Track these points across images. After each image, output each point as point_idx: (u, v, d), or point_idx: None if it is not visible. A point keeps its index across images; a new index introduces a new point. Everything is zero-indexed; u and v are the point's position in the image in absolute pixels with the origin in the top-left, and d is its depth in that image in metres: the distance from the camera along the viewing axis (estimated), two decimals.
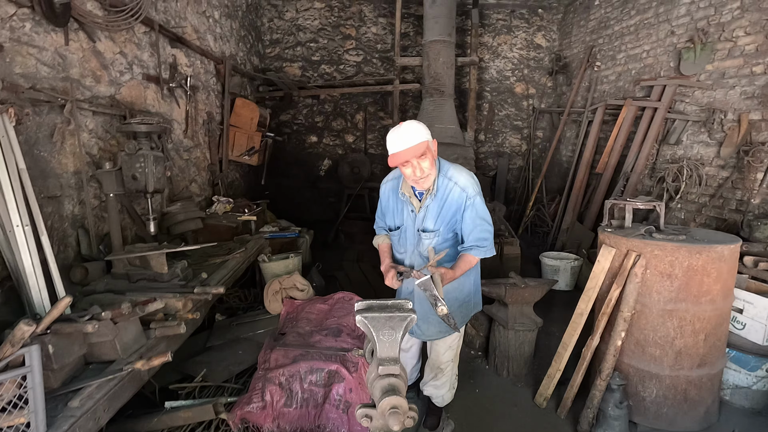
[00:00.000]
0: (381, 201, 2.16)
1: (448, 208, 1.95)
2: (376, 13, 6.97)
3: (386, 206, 2.12)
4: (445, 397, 2.41)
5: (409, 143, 1.76)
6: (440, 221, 1.97)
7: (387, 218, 2.12)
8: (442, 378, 2.34)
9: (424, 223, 1.97)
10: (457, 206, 1.94)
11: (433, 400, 2.44)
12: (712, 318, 2.33)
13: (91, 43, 2.74)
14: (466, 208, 1.94)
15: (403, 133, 1.78)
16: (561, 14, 7.12)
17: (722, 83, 3.83)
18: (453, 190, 1.93)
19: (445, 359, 2.27)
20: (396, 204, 2.07)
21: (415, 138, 1.76)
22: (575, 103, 6.37)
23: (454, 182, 1.94)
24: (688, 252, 2.26)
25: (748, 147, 3.49)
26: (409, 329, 1.17)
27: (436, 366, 2.32)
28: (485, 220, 1.98)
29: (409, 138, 1.76)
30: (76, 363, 1.66)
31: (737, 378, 2.63)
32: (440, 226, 1.97)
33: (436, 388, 2.39)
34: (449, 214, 1.95)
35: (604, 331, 2.55)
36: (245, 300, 3.63)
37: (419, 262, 2.03)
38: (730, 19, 3.74)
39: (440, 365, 2.30)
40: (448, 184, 1.94)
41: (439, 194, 1.94)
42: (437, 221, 1.97)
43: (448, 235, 2.01)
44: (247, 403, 2.07)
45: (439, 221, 1.97)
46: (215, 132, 4.74)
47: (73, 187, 2.56)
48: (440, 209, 1.95)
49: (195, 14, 4.29)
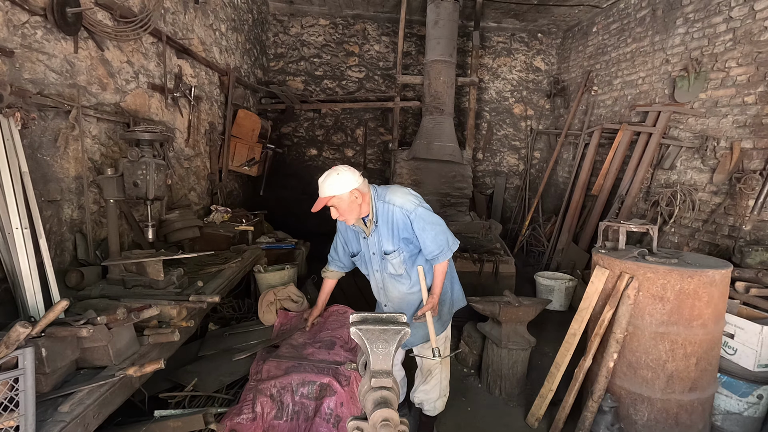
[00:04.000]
0: (339, 233, 2.42)
1: (397, 228, 2.16)
2: (380, 32, 7.12)
3: (346, 236, 2.39)
4: (437, 405, 2.45)
5: (321, 193, 2.07)
6: (396, 241, 2.19)
7: (349, 245, 2.39)
8: (432, 381, 2.42)
9: (383, 246, 2.20)
10: (403, 224, 2.15)
11: (424, 410, 2.47)
12: (704, 342, 2.34)
13: (100, 52, 2.80)
14: (412, 221, 2.15)
15: (321, 182, 2.07)
16: (560, 39, 7.30)
17: (715, 111, 3.93)
18: (394, 212, 2.15)
19: (432, 362, 2.37)
20: (353, 232, 2.33)
21: (326, 191, 2.05)
22: (572, 126, 6.49)
23: (393, 204, 2.15)
24: (680, 275, 2.29)
25: (740, 174, 3.56)
26: (402, 342, 1.19)
27: (426, 369, 2.42)
28: (435, 224, 2.17)
29: (322, 189, 2.07)
30: (68, 367, 1.65)
31: (728, 404, 2.63)
32: (398, 244, 2.19)
33: (426, 393, 2.44)
34: (400, 231, 2.17)
35: (596, 352, 2.56)
36: (239, 310, 3.61)
37: (388, 281, 2.29)
38: (722, 50, 3.86)
39: (429, 367, 2.41)
40: (389, 208, 2.15)
41: (381, 219, 2.16)
42: (393, 241, 2.19)
43: (410, 247, 2.22)
44: (237, 414, 2.05)
45: (395, 241, 2.19)
46: (216, 142, 4.79)
47: (73, 192, 2.58)
48: (391, 231, 2.17)
49: (202, 27, 4.38)
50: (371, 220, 2.17)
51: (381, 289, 2.36)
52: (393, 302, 2.35)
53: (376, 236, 2.20)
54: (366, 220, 2.21)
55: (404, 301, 2.32)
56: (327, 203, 2.07)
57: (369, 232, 2.21)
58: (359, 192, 2.09)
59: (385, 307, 2.40)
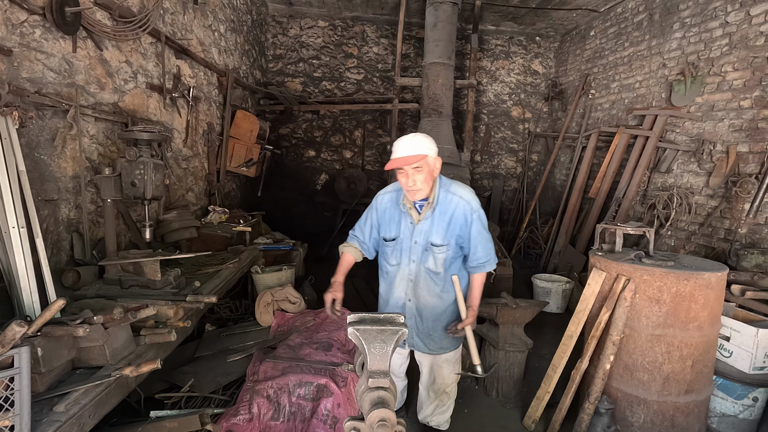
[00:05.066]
0: (374, 211, 2.15)
1: (456, 222, 1.99)
2: (379, 34, 7.14)
3: (382, 216, 2.13)
4: (449, 417, 2.41)
5: (408, 152, 1.83)
6: (449, 235, 2.00)
7: (382, 229, 2.13)
8: (448, 402, 2.35)
9: (431, 238, 2.00)
10: (464, 219, 1.99)
11: (439, 427, 2.41)
12: (700, 344, 2.35)
13: (98, 51, 2.80)
14: (472, 221, 2.00)
15: (408, 141, 1.85)
16: (558, 42, 7.34)
17: (711, 115, 3.95)
18: (458, 204, 1.98)
19: (450, 381, 2.27)
20: (393, 214, 2.09)
21: (416, 149, 1.83)
22: (570, 129, 6.51)
23: (459, 196, 1.99)
24: (676, 278, 2.30)
25: (736, 178, 3.58)
26: (400, 343, 1.19)
27: (441, 390, 2.29)
28: (488, 231, 2.08)
29: (410, 147, 1.83)
30: (64, 367, 1.64)
31: (724, 406, 2.64)
32: (450, 239, 2.00)
33: (443, 413, 2.37)
34: (457, 227, 2.00)
35: (593, 354, 2.57)
36: (236, 311, 3.61)
37: (423, 276, 2.07)
38: (719, 54, 3.89)
39: (446, 389, 2.29)
40: (453, 199, 1.98)
41: (440, 207, 1.98)
42: (446, 235, 2.00)
43: (457, 248, 2.05)
44: (233, 415, 2.05)
45: (448, 235, 2.00)
46: (214, 142, 4.78)
47: (70, 191, 2.57)
48: (448, 223, 1.99)
49: (201, 27, 4.38)
50: (430, 204, 1.98)
51: (410, 282, 2.11)
52: (419, 300, 2.12)
53: (427, 224, 2.00)
54: (417, 205, 2.03)
55: (432, 302, 2.13)
56: (414, 162, 1.82)
57: (419, 219, 2.01)
58: (438, 165, 1.93)
59: (408, 302, 2.14)
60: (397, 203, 2.08)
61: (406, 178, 1.88)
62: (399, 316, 1.26)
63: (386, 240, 2.11)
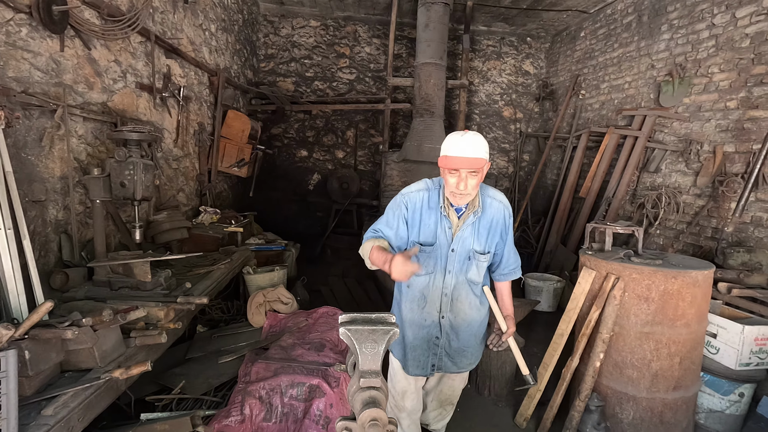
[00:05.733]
0: (402, 211, 1.83)
1: (496, 227, 1.86)
2: (371, 34, 7.14)
3: (413, 219, 1.83)
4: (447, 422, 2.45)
5: (472, 153, 1.63)
6: (490, 241, 1.86)
7: (412, 233, 1.84)
8: (451, 410, 2.36)
9: (474, 245, 1.83)
10: (503, 224, 1.88)
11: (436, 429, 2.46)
12: (687, 341, 2.39)
13: (87, 51, 2.77)
14: (508, 225, 1.89)
15: (471, 141, 1.64)
16: (548, 43, 7.39)
17: (699, 116, 4.01)
18: (498, 209, 1.86)
19: (460, 392, 2.25)
20: (427, 217, 1.83)
21: (480, 152, 1.65)
22: (560, 129, 6.56)
23: (498, 200, 1.87)
24: (664, 276, 2.33)
25: (722, 177, 3.64)
26: (391, 342, 1.19)
27: (449, 401, 2.28)
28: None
29: (474, 148, 1.64)
30: (52, 370, 1.62)
31: (711, 402, 2.68)
32: (491, 246, 1.87)
33: (444, 419, 2.40)
34: (497, 232, 1.87)
35: (583, 352, 2.59)
36: (228, 312, 3.59)
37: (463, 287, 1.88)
38: (705, 56, 3.95)
39: (453, 399, 2.27)
40: (492, 203, 1.86)
41: (485, 213, 1.84)
42: (487, 241, 1.86)
43: (492, 254, 1.92)
44: (225, 417, 2.04)
45: (489, 241, 1.86)
46: (206, 142, 4.75)
47: (58, 192, 2.54)
48: (488, 229, 1.84)
49: (191, 27, 4.35)
50: (474, 209, 1.80)
51: (445, 297, 1.88)
52: (457, 315, 1.91)
53: (469, 231, 1.82)
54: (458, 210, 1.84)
55: (471, 316, 1.94)
56: (475, 167, 1.63)
57: (458, 225, 1.82)
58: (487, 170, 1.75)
59: (442, 320, 1.90)
60: (430, 204, 1.83)
61: (458, 181, 1.67)
62: (390, 316, 1.26)
63: (424, 245, 1.84)
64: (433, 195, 1.84)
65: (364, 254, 1.78)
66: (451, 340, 1.94)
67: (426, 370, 1.96)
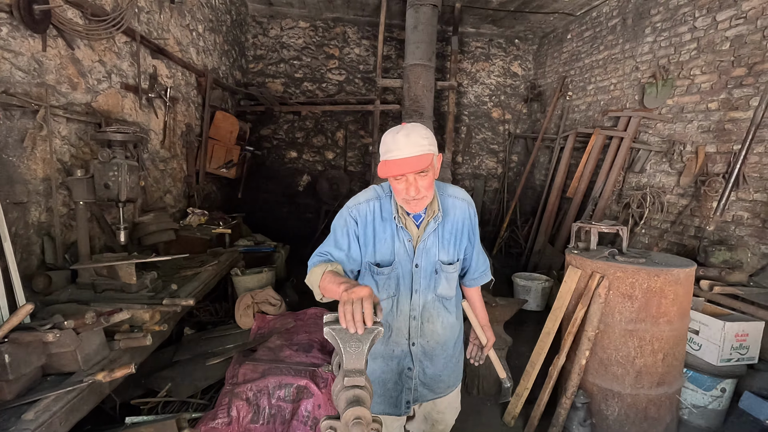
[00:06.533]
0: (351, 227, 1.51)
1: (462, 230, 1.59)
2: (360, 35, 7.15)
3: (365, 235, 1.51)
4: None
5: (413, 151, 1.34)
6: (458, 248, 1.58)
7: (366, 252, 1.52)
8: None
9: (440, 255, 1.54)
10: (470, 224, 1.61)
11: None
12: (670, 338, 2.43)
13: (70, 51, 2.73)
14: (473, 225, 1.63)
15: (407, 137, 1.34)
16: (536, 45, 7.47)
17: (681, 117, 4.09)
18: (459, 208, 1.58)
19: (452, 422, 1.81)
20: (381, 231, 1.51)
21: (423, 146, 1.35)
22: (548, 130, 6.64)
23: (460, 198, 1.61)
24: (648, 274, 2.37)
25: (704, 177, 3.71)
26: (375, 342, 1.19)
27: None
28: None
29: (415, 145, 1.34)
30: (33, 374, 1.60)
31: (694, 397, 2.73)
32: (459, 253, 1.59)
33: None
34: (464, 236, 1.60)
35: (569, 350, 2.62)
36: (216, 314, 3.56)
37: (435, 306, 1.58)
38: (688, 58, 4.03)
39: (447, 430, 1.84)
40: (454, 203, 1.58)
41: (448, 216, 1.55)
42: (453, 249, 1.57)
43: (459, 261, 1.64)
44: (212, 419, 2.02)
45: (456, 248, 1.58)
46: (193, 144, 4.71)
47: (41, 194, 2.50)
48: (454, 235, 1.57)
49: (178, 27, 4.32)
50: (434, 214, 1.51)
51: (413, 320, 1.56)
52: (430, 339, 1.60)
53: (432, 240, 1.53)
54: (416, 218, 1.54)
55: (445, 337, 1.64)
56: (420, 166, 1.34)
57: (418, 235, 1.51)
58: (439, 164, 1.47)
59: (413, 347, 1.58)
60: (383, 215, 1.52)
61: (406, 186, 1.38)
62: (376, 316, 1.27)
63: (378, 266, 1.52)
64: (385, 204, 1.53)
65: (313, 283, 1.41)
66: (425, 368, 1.62)
67: (400, 408, 1.62)
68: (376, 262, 1.52)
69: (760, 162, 3.31)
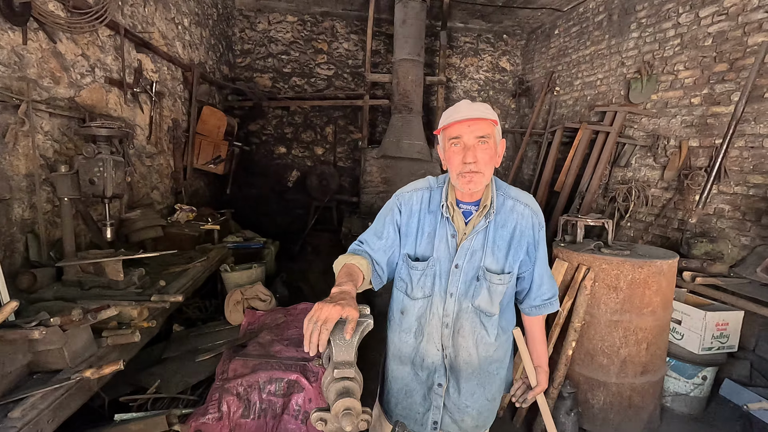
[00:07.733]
0: (395, 216, 1.42)
1: (521, 240, 1.38)
2: (348, 30, 7.11)
3: (407, 226, 1.41)
4: None
5: (473, 114, 1.25)
6: (512, 259, 1.37)
7: (406, 243, 1.41)
8: None
9: (486, 260, 1.35)
10: (532, 238, 1.39)
11: None
12: (653, 328, 2.49)
13: (52, 44, 2.67)
14: (539, 240, 1.41)
15: (469, 104, 1.28)
16: (524, 41, 7.51)
17: (665, 112, 4.16)
18: (522, 215, 1.38)
19: None
20: (425, 223, 1.40)
21: (483, 112, 1.26)
22: (536, 125, 6.69)
23: (524, 204, 1.39)
24: (632, 266, 2.42)
25: (687, 171, 3.79)
26: (365, 334, 1.20)
27: None
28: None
29: (475, 110, 1.26)
30: (19, 372, 1.58)
31: (677, 385, 2.81)
32: (513, 265, 1.38)
33: None
34: (523, 248, 1.38)
35: (557, 341, 2.67)
36: (205, 311, 3.54)
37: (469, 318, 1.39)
38: (671, 54, 4.09)
39: None
40: (515, 206, 1.38)
41: (499, 218, 1.37)
42: (505, 258, 1.37)
43: (514, 278, 1.42)
44: (202, 415, 2.02)
45: (510, 259, 1.37)
46: (180, 139, 4.66)
47: (24, 190, 2.45)
48: (509, 241, 1.37)
49: (163, 20, 4.25)
50: (486, 210, 1.35)
51: (446, 328, 1.39)
52: (459, 354, 1.41)
53: (478, 241, 1.35)
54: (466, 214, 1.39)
55: (478, 359, 1.42)
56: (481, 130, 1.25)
57: (465, 231, 1.37)
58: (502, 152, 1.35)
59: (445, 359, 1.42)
60: (431, 207, 1.40)
61: (462, 155, 1.26)
62: (365, 307, 1.28)
63: (413, 260, 1.40)
64: (435, 195, 1.41)
65: (335, 272, 1.35)
66: (450, 388, 1.44)
67: (426, 427, 1.45)
68: (412, 255, 1.40)
69: (741, 156, 3.38)
